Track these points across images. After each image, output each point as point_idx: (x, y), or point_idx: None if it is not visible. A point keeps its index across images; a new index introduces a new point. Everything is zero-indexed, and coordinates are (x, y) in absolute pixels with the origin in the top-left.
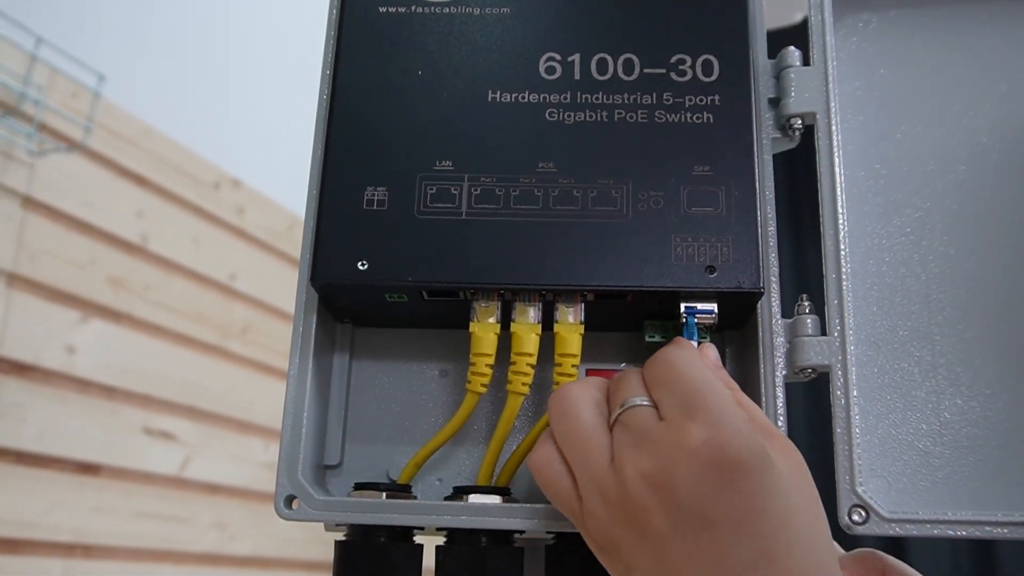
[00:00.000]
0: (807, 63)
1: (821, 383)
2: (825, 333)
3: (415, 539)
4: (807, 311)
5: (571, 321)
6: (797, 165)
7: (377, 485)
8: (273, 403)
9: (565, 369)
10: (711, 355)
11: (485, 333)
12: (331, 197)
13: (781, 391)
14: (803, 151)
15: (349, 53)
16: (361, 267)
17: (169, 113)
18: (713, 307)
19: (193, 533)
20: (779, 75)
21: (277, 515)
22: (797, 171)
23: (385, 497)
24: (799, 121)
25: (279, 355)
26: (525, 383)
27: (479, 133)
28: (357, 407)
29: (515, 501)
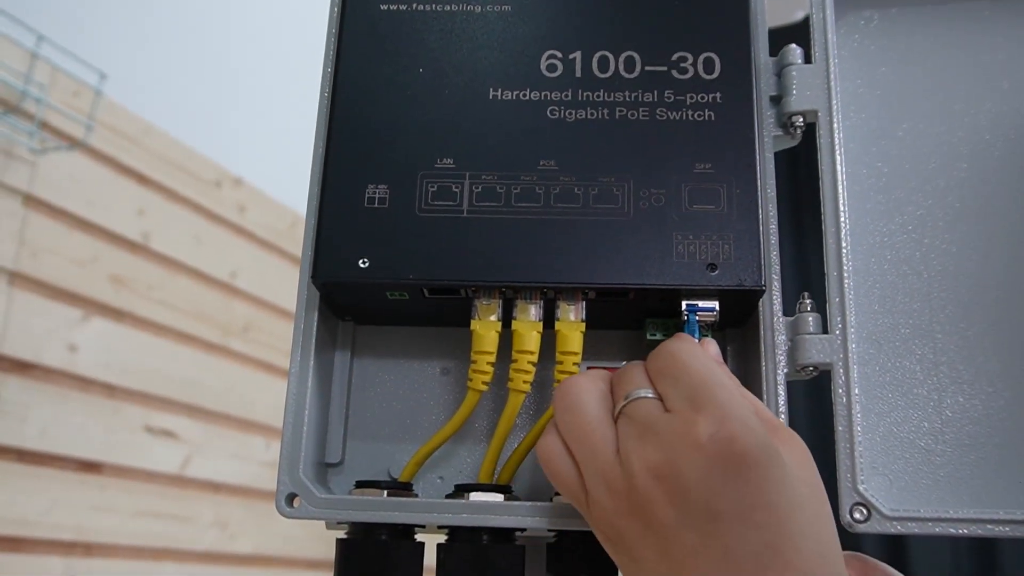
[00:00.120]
0: (809, 61)
1: (822, 381)
2: (827, 331)
3: (416, 537)
4: (809, 309)
5: (572, 319)
6: (799, 163)
7: (378, 483)
8: (274, 401)
9: (566, 367)
10: (712, 350)
11: (486, 331)
12: (332, 195)
13: (783, 389)
14: (805, 149)
15: (350, 51)
16: (362, 265)
17: (170, 111)
18: (714, 305)
19: (194, 531)
20: (781, 73)
21: (278, 513)
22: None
23: (386, 495)
24: (801, 119)
25: (280, 353)
26: (526, 381)
27: (480, 131)
28: (358, 405)
29: (516, 499)
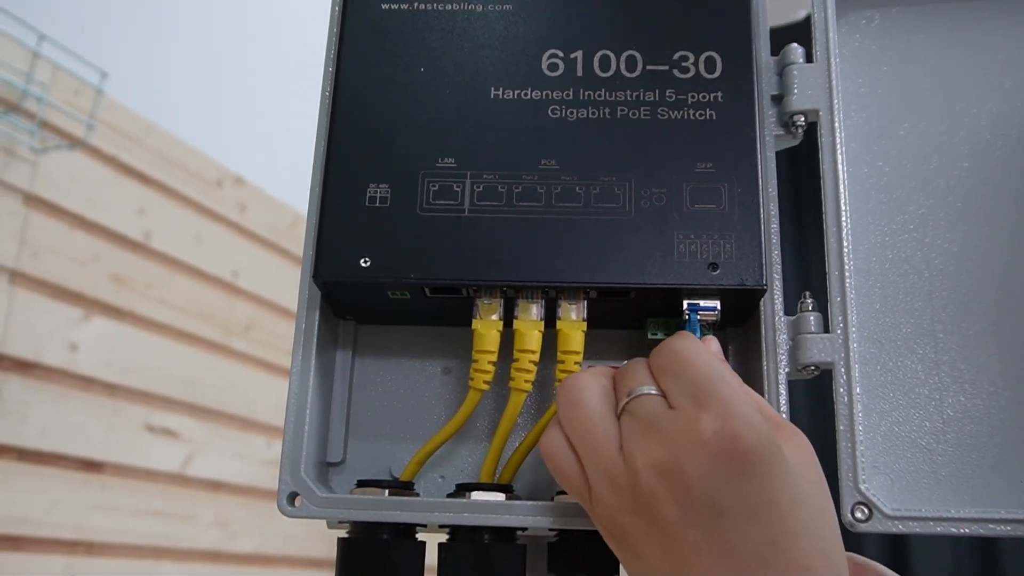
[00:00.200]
0: (810, 60)
1: (824, 381)
2: (828, 330)
3: (418, 536)
4: (810, 308)
5: (574, 318)
6: (800, 162)
7: (380, 482)
8: (276, 400)
9: (568, 366)
10: (713, 347)
11: (488, 330)
12: (334, 194)
13: (784, 388)
14: (806, 148)
15: (351, 50)
16: (364, 264)
17: (171, 110)
18: (716, 304)
19: (195, 530)
20: (782, 72)
21: (280, 512)
22: (800, 168)
23: (388, 494)
24: (802, 118)
25: (282, 352)
26: (528, 380)
27: (481, 130)
28: (360, 404)
29: (518, 498)
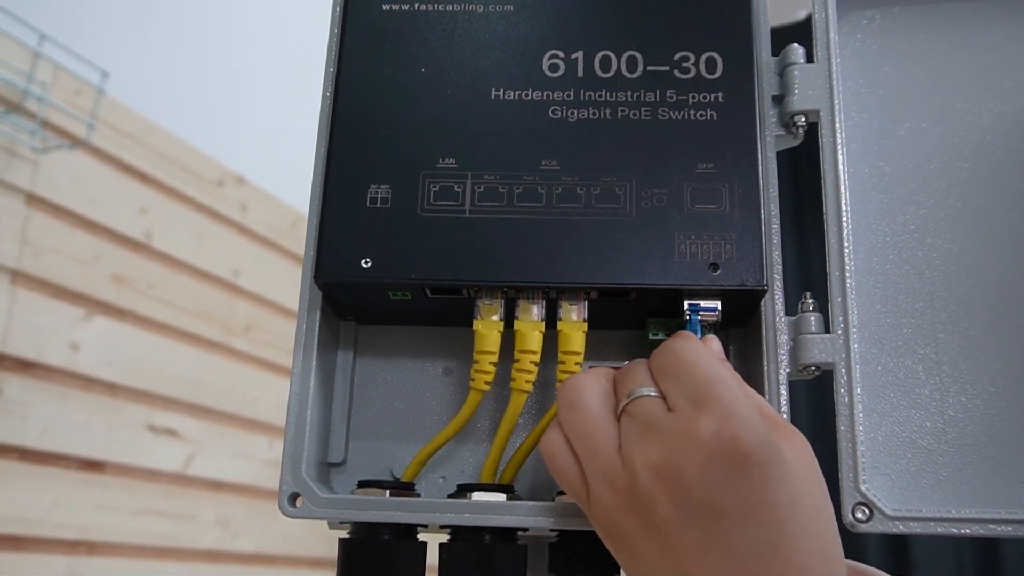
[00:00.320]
0: (811, 60)
1: (824, 381)
2: (829, 331)
3: (419, 537)
4: (811, 309)
5: (575, 319)
6: (801, 163)
7: (381, 483)
8: (277, 400)
9: (569, 367)
10: (714, 346)
11: (489, 331)
12: (335, 194)
13: (785, 389)
14: (807, 149)
15: (352, 50)
16: (365, 264)
17: (172, 110)
18: (716, 305)
19: (197, 530)
20: (783, 72)
21: (281, 513)
22: (801, 169)
23: (389, 495)
24: (803, 118)
25: (283, 352)
26: (529, 381)
27: (482, 131)
28: (361, 404)
29: (519, 499)
